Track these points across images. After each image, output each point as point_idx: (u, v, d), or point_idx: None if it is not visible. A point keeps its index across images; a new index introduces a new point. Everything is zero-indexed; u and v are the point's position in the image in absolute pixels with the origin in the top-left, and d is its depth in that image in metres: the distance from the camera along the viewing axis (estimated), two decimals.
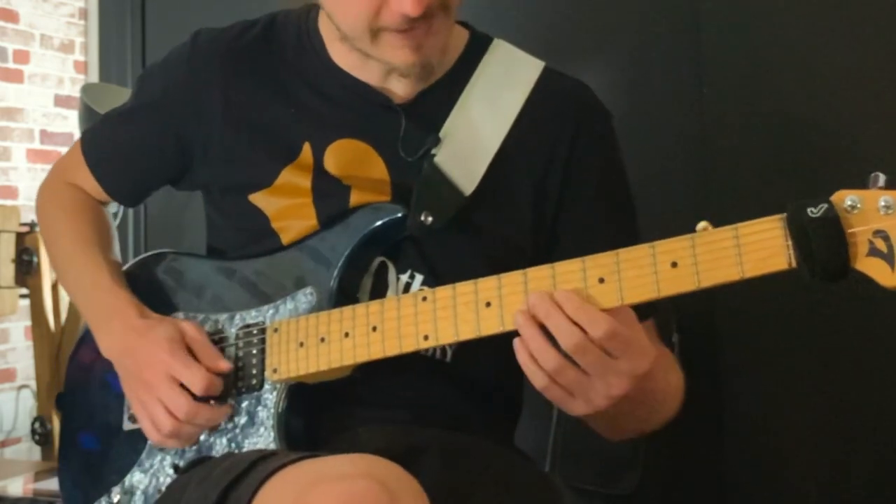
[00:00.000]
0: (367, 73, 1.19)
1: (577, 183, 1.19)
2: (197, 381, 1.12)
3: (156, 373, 1.13)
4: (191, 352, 1.14)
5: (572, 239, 1.17)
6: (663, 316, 1.35)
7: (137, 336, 1.17)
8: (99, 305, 1.24)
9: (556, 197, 1.19)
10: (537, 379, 0.96)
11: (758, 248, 0.90)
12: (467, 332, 1.02)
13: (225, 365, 1.14)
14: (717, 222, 0.93)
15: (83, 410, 1.31)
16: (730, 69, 1.72)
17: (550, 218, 1.19)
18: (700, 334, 1.64)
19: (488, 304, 1.01)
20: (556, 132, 1.19)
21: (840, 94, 1.63)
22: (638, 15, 1.79)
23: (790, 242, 0.88)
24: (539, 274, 0.98)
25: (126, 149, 1.32)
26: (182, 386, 1.12)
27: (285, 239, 1.19)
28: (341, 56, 1.20)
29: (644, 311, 1.17)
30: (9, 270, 3.05)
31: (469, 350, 1.15)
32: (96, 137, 1.37)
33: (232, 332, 1.19)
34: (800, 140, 1.66)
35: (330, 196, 1.18)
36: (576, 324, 0.93)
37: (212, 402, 1.14)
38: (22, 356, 4.12)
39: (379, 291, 1.16)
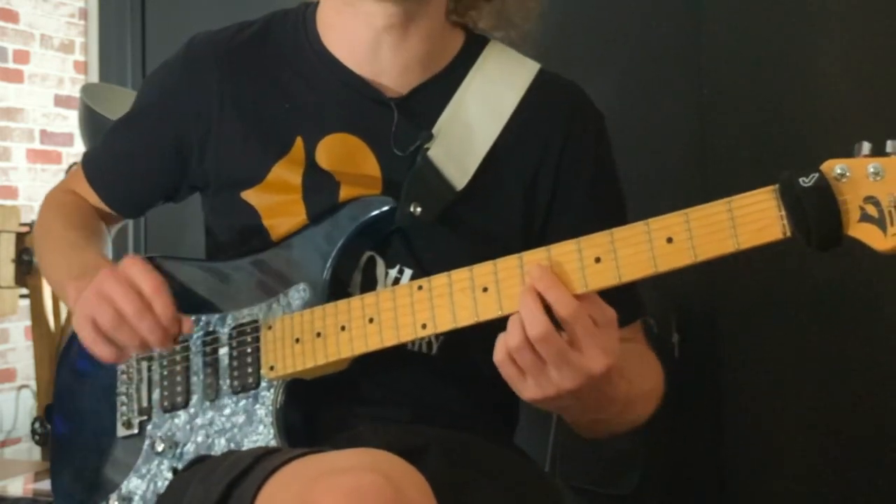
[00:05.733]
0: (360, 63, 1.19)
1: (569, 183, 1.20)
2: (150, 280, 1.06)
3: (114, 275, 1.08)
4: None
5: (563, 238, 1.17)
6: (663, 316, 1.35)
7: (108, 269, 1.11)
8: (79, 265, 1.18)
9: (547, 197, 1.20)
10: (498, 352, 0.98)
11: (752, 219, 0.91)
12: (465, 318, 1.02)
13: (186, 319, 1.10)
14: None
15: (74, 419, 1.30)
16: (730, 69, 1.72)
17: (541, 218, 1.20)
18: (700, 334, 1.64)
19: (485, 290, 1.01)
20: (548, 132, 1.20)
21: (840, 94, 1.63)
22: (638, 16, 1.79)
23: (783, 212, 0.90)
24: (535, 257, 0.99)
25: (124, 156, 1.32)
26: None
27: (275, 236, 1.19)
28: (336, 45, 1.21)
29: (631, 312, 1.18)
30: (9, 270, 3.05)
31: (455, 341, 1.15)
32: (96, 150, 1.37)
33: (224, 332, 1.18)
34: (799, 140, 1.66)
35: (319, 192, 1.18)
36: (546, 305, 0.95)
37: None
38: (22, 356, 4.12)
39: (368, 286, 1.16)
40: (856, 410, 1.64)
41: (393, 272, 1.17)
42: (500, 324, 0.99)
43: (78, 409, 1.30)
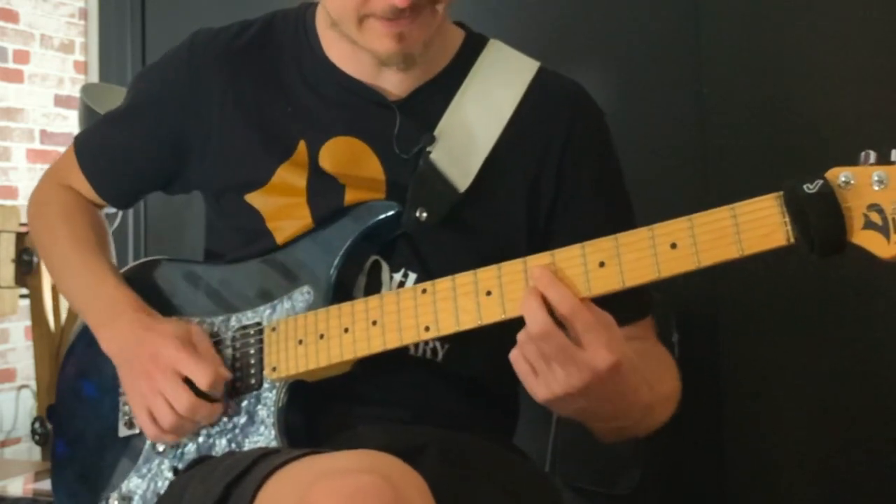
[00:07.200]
0: (360, 69, 1.19)
1: (572, 182, 1.20)
2: (203, 376, 1.12)
3: (160, 366, 1.13)
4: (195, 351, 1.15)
5: (568, 238, 1.17)
6: (663, 316, 1.34)
7: (144, 330, 1.17)
8: (103, 302, 1.24)
9: (550, 196, 1.20)
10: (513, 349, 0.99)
11: (756, 225, 0.92)
12: (468, 322, 1.02)
13: (226, 371, 1.15)
14: None
15: (76, 418, 1.30)
16: (730, 69, 1.72)
17: (545, 217, 1.20)
18: (700, 334, 1.64)
19: (489, 293, 1.02)
20: (550, 131, 1.20)
21: (840, 93, 1.63)
22: (638, 15, 1.79)
23: (787, 219, 0.91)
24: (539, 261, 1.00)
25: (120, 149, 1.32)
26: (185, 381, 1.13)
27: (279, 238, 1.20)
28: (336, 52, 1.21)
29: (641, 309, 1.18)
30: (9, 270, 3.04)
31: (461, 348, 1.15)
32: (90, 139, 1.37)
33: (228, 334, 1.19)
34: (800, 140, 1.66)
35: (324, 195, 1.18)
36: (546, 303, 0.96)
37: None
38: (22, 356, 4.12)
39: (373, 290, 1.16)
40: (856, 410, 1.64)
41: (398, 276, 1.17)
42: (505, 329, 1.00)
43: (80, 408, 1.30)
